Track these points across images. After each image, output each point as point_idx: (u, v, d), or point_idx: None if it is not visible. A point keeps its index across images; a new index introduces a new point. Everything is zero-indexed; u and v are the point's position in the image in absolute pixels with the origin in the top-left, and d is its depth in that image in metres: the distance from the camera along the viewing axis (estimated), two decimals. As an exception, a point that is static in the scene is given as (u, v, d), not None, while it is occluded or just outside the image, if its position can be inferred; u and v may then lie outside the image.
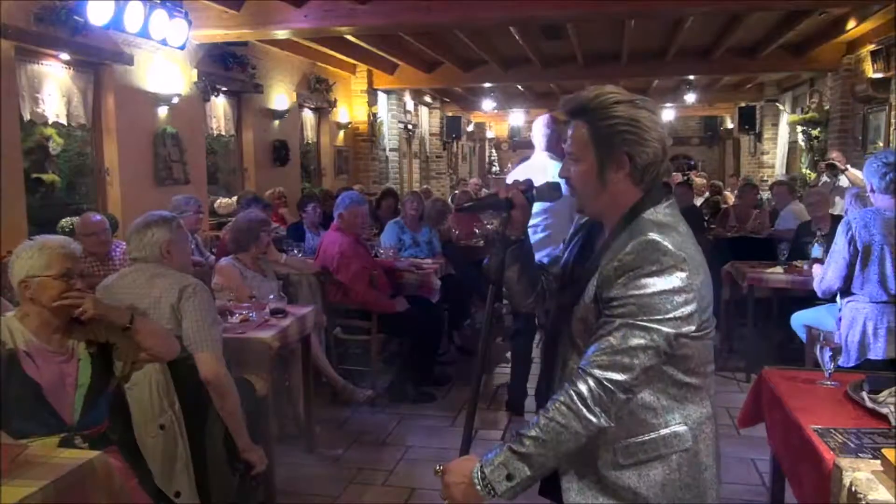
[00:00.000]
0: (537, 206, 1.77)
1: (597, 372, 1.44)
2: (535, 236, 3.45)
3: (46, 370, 2.19)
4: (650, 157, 1.52)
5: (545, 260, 1.86)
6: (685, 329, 1.45)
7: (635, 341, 1.44)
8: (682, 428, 1.52)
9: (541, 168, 3.92)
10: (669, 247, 1.45)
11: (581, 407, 1.43)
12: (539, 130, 4.09)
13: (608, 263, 1.49)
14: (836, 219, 4.58)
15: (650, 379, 1.49)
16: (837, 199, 6.20)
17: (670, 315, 1.44)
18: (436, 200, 6.72)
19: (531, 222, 1.86)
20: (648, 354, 1.44)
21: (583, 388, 1.44)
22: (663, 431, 1.52)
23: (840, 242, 3.28)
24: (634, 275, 1.45)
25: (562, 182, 1.67)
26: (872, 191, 3.29)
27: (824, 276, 3.42)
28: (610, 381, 1.43)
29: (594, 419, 1.43)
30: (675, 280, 1.44)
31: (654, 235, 1.46)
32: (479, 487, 1.48)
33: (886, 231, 3.17)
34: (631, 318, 1.44)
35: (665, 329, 1.44)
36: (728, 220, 7.00)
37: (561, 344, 1.66)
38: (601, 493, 1.55)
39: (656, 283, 1.44)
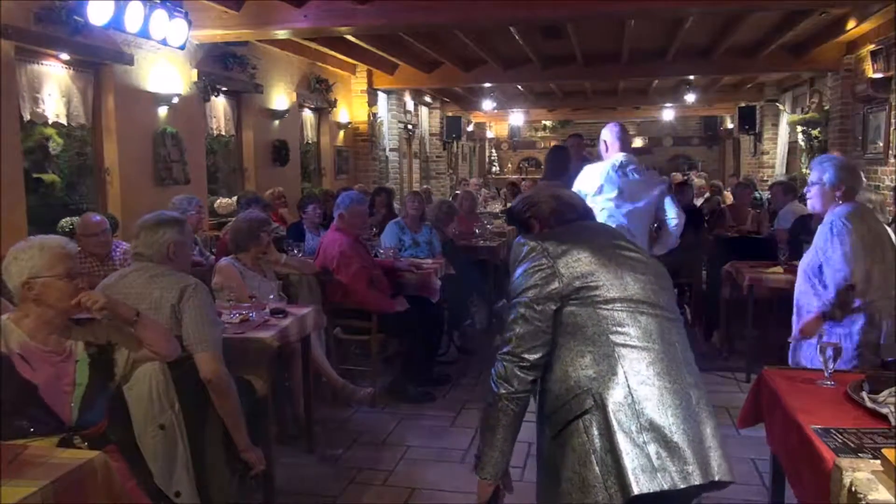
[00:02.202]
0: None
1: (497, 351, 1.86)
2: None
3: (42, 371, 2.18)
4: (547, 210, 2.08)
5: None
6: (546, 291, 1.80)
7: (510, 318, 1.85)
8: (584, 394, 1.74)
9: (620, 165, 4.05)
10: (529, 241, 1.89)
11: (490, 382, 1.85)
12: (612, 135, 4.16)
13: None
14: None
15: (557, 355, 1.80)
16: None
17: (528, 285, 1.82)
18: (442, 203, 6.70)
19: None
20: (519, 323, 1.82)
21: (493, 368, 1.86)
22: (570, 399, 1.76)
23: (845, 241, 2.98)
24: (512, 270, 1.90)
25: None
26: (844, 193, 3.08)
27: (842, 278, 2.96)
28: (501, 354, 1.84)
29: (494, 389, 1.83)
30: (530, 260, 1.84)
31: (520, 238, 1.93)
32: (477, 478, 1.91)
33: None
34: (511, 301, 1.87)
35: (524, 298, 1.82)
36: (725, 220, 7.01)
37: None
38: (541, 470, 1.89)
39: (518, 270, 1.86)
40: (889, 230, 3.29)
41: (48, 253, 2.22)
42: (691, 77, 11.00)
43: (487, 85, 11.39)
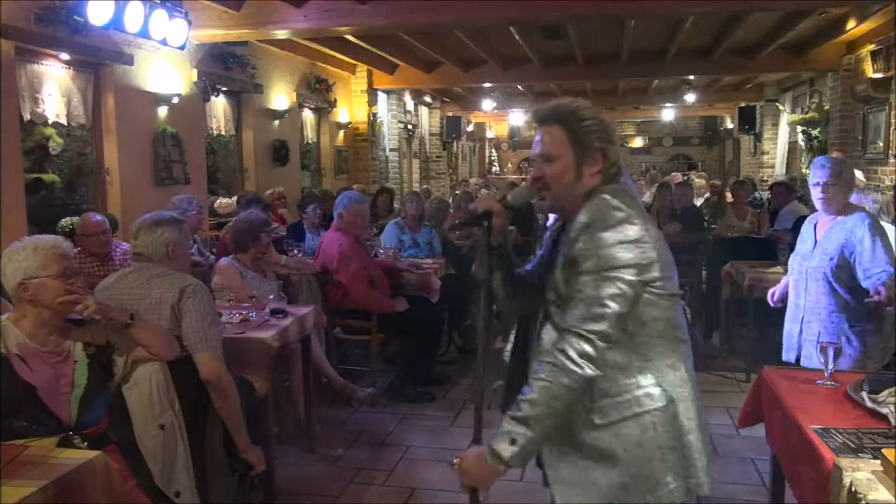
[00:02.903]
0: None
1: (576, 327, 1.57)
2: None
3: (40, 371, 2.18)
4: (617, 154, 1.73)
5: (529, 266, 1.94)
6: (648, 276, 1.59)
7: (606, 291, 1.56)
8: (655, 389, 1.63)
9: None
10: (619, 203, 1.62)
11: (566, 362, 1.55)
12: None
13: (572, 230, 1.64)
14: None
15: (620, 338, 1.59)
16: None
17: (632, 262, 1.57)
18: (432, 199, 6.72)
19: None
20: (618, 302, 1.56)
21: (565, 345, 1.57)
22: (636, 392, 1.63)
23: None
24: (593, 230, 1.60)
25: None
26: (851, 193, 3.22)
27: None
28: (589, 331, 1.55)
29: (579, 370, 1.55)
30: (628, 231, 1.59)
31: (605, 195, 1.65)
32: (489, 460, 1.59)
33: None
34: (598, 272, 1.57)
35: (628, 276, 1.57)
36: (726, 215, 7.02)
37: (531, 335, 1.80)
38: (579, 456, 1.66)
39: (613, 236, 1.58)
40: (891, 231, 3.29)
41: (42, 253, 2.21)
42: (691, 77, 11.00)
43: (487, 85, 11.39)
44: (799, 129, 10.17)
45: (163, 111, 5.91)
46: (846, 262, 3.07)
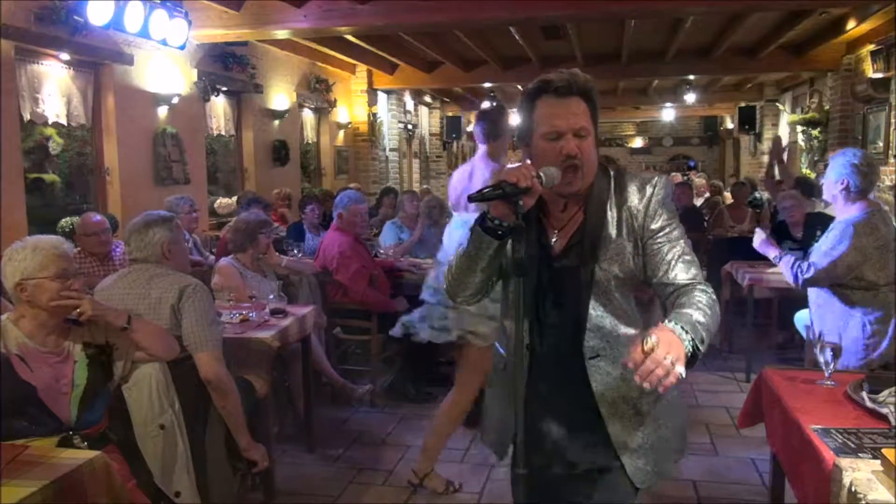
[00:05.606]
0: None
1: (700, 280, 1.71)
2: None
3: (40, 372, 2.18)
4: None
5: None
6: None
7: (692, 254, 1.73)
8: None
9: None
10: None
11: (715, 301, 1.67)
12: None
13: (638, 205, 1.69)
14: (816, 219, 4.56)
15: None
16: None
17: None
18: (428, 199, 6.71)
19: None
20: None
21: (707, 288, 1.69)
22: None
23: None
24: (665, 200, 1.70)
25: None
26: (847, 189, 3.19)
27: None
28: (706, 285, 1.71)
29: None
30: None
31: (654, 173, 1.78)
32: (687, 343, 1.54)
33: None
34: (683, 239, 1.71)
35: None
36: (724, 220, 7.02)
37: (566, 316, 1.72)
38: (641, 423, 1.73)
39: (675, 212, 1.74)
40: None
41: (40, 254, 2.21)
42: (691, 77, 11.00)
43: (487, 85, 11.39)
44: (799, 129, 10.18)
45: (163, 111, 5.91)
46: None
